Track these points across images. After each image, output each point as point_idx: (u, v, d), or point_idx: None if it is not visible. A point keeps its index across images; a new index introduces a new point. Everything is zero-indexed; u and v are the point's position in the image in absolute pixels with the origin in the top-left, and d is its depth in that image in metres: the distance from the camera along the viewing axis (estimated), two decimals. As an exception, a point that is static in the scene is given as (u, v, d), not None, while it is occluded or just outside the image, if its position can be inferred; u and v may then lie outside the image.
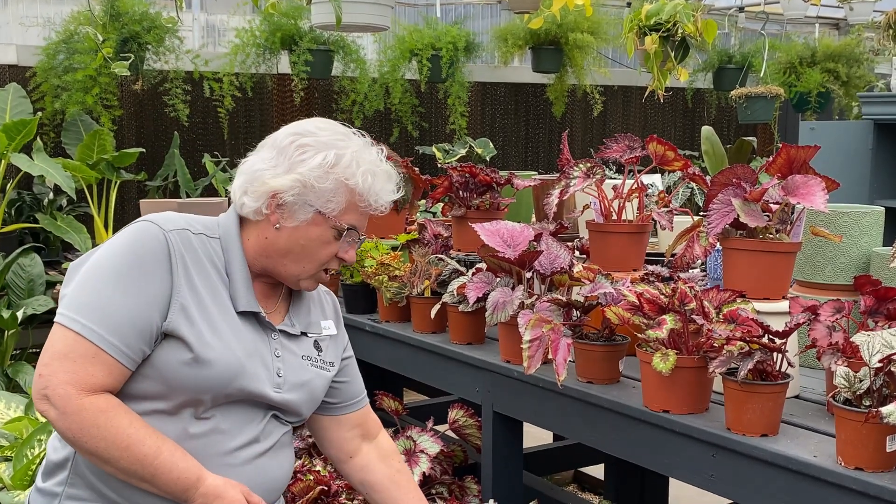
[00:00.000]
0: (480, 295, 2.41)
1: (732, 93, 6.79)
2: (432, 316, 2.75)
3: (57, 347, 1.52)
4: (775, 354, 1.87)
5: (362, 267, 3.02)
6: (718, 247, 2.23)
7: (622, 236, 2.47)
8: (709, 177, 2.27)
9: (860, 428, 1.66)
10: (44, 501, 1.63)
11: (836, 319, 1.93)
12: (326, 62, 6.15)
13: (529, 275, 2.37)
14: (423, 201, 3.80)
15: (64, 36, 5.45)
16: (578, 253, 2.75)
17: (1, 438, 2.98)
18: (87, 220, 5.54)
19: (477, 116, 7.53)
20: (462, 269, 2.77)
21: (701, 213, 2.21)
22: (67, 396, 1.49)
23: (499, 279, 2.41)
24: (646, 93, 4.42)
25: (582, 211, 2.76)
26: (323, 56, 6.11)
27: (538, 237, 2.41)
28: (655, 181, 3.44)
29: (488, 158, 6.59)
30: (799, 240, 2.19)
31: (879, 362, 1.65)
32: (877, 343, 1.67)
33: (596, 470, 4.06)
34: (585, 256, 2.67)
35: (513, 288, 2.35)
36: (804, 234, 2.28)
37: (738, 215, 2.04)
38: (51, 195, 5.49)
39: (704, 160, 6.50)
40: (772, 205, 2.10)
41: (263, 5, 4.71)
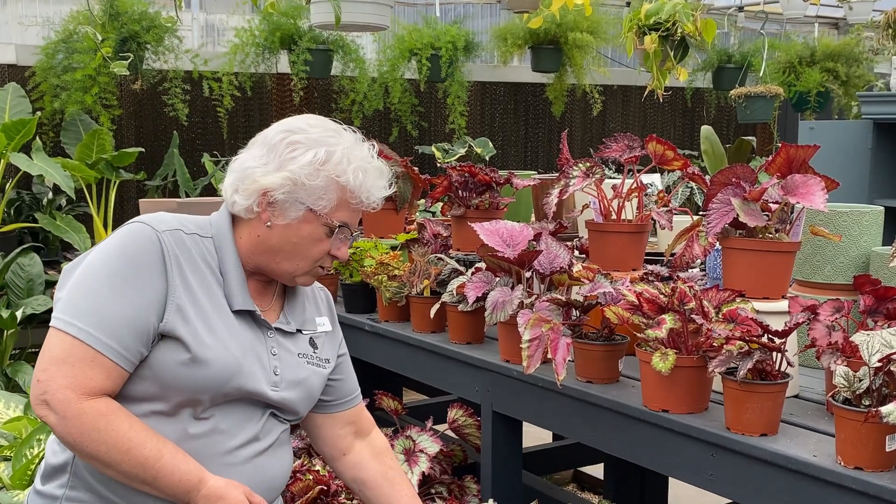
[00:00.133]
0: (480, 294, 2.41)
1: (732, 92, 6.78)
2: (432, 315, 2.75)
3: (54, 352, 1.51)
4: (775, 354, 1.86)
5: (362, 266, 3.01)
6: (718, 246, 2.23)
7: (621, 236, 2.47)
8: (708, 176, 2.27)
9: (860, 427, 1.66)
10: None
11: (836, 319, 1.93)
12: (326, 62, 6.15)
13: (529, 274, 2.37)
14: (423, 201, 3.80)
15: (63, 35, 5.45)
16: (578, 252, 2.75)
17: (0, 438, 2.98)
18: (87, 220, 5.53)
19: (476, 116, 7.53)
20: (461, 269, 2.77)
21: (700, 213, 2.21)
22: (67, 401, 1.49)
23: (498, 279, 2.41)
24: (645, 92, 4.42)
25: (581, 210, 2.76)
26: (322, 56, 6.10)
27: (537, 237, 2.41)
28: (655, 181, 3.44)
29: (488, 158, 6.59)
30: (798, 239, 2.19)
31: (879, 362, 1.65)
32: (876, 342, 1.67)
33: (595, 469, 4.06)
34: (585, 256, 2.67)
35: (512, 287, 2.35)
36: (803, 234, 2.28)
37: (738, 215, 2.04)
38: (50, 195, 5.49)
39: (704, 160, 6.50)
40: (771, 204, 2.10)
41: (262, 5, 4.71)
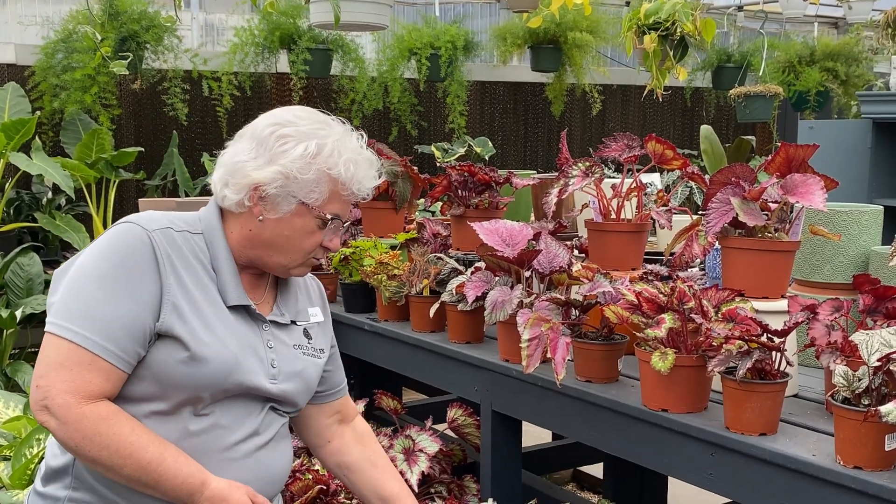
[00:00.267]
0: (479, 294, 2.41)
1: (731, 92, 6.78)
2: (431, 315, 2.74)
3: (52, 357, 1.51)
4: (774, 353, 1.86)
5: (361, 266, 3.01)
6: (717, 246, 2.23)
7: (621, 235, 2.47)
8: (707, 176, 2.27)
9: (859, 427, 1.66)
10: None
11: (835, 318, 1.93)
12: (325, 61, 6.15)
13: (528, 274, 2.37)
14: (422, 200, 3.80)
15: (62, 35, 5.45)
16: (577, 252, 2.75)
17: (-1, 438, 2.98)
18: (86, 220, 5.53)
19: (476, 115, 7.53)
20: (461, 268, 2.77)
21: (699, 212, 2.21)
22: (67, 406, 1.48)
23: (497, 278, 2.41)
24: (644, 92, 4.42)
25: (581, 210, 2.76)
26: (322, 55, 6.10)
27: (537, 236, 2.41)
28: (654, 180, 3.44)
29: (487, 157, 6.59)
30: (798, 238, 2.19)
31: (878, 361, 1.65)
32: (875, 342, 1.66)
33: (595, 469, 4.06)
34: (584, 255, 2.67)
35: (511, 287, 2.35)
36: (803, 233, 2.28)
37: (737, 214, 2.03)
38: (49, 194, 5.49)
39: (703, 159, 6.50)
40: (770, 204, 2.10)
41: (262, 4, 4.71)
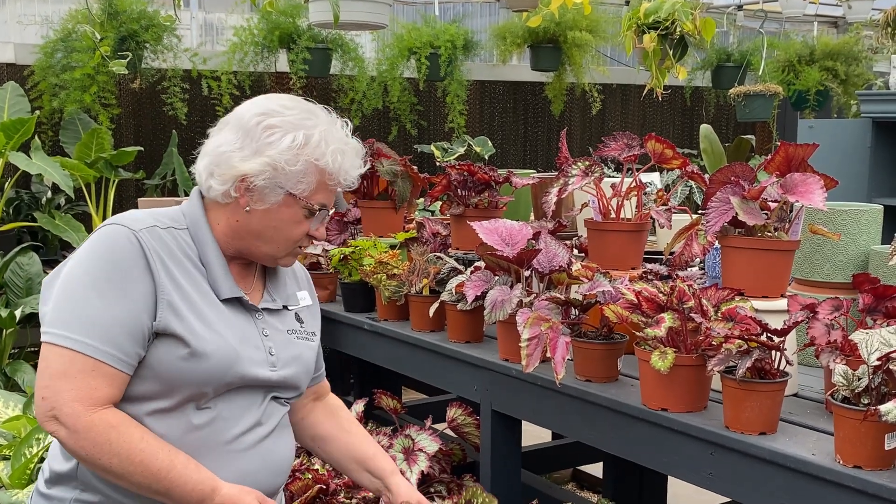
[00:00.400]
0: (479, 293, 2.40)
1: (731, 91, 6.78)
2: (431, 314, 2.74)
3: (54, 367, 1.50)
4: (774, 352, 1.86)
5: (360, 265, 3.01)
6: (717, 245, 2.23)
7: (621, 234, 2.47)
8: (707, 175, 2.27)
9: (858, 426, 1.66)
10: None
11: (835, 317, 1.93)
12: (325, 60, 6.14)
13: (528, 273, 2.37)
14: (422, 200, 3.80)
15: (62, 34, 5.44)
16: (577, 251, 2.75)
17: (-1, 437, 2.98)
18: (86, 219, 5.53)
19: (475, 115, 7.53)
20: (460, 268, 2.77)
21: (699, 212, 2.21)
22: (76, 414, 1.48)
23: (497, 277, 2.41)
24: (644, 91, 4.42)
25: (580, 209, 2.76)
26: (321, 54, 6.10)
27: (536, 235, 2.41)
28: (654, 179, 3.44)
29: (487, 157, 6.59)
30: (797, 238, 2.18)
31: (878, 360, 1.65)
32: (875, 341, 1.66)
33: (594, 468, 4.06)
34: (584, 255, 2.67)
35: (511, 286, 2.35)
36: (803, 232, 2.28)
37: (737, 213, 2.03)
38: (49, 194, 5.49)
39: (703, 158, 6.50)
40: (770, 203, 2.10)
41: (261, 3, 4.71)
